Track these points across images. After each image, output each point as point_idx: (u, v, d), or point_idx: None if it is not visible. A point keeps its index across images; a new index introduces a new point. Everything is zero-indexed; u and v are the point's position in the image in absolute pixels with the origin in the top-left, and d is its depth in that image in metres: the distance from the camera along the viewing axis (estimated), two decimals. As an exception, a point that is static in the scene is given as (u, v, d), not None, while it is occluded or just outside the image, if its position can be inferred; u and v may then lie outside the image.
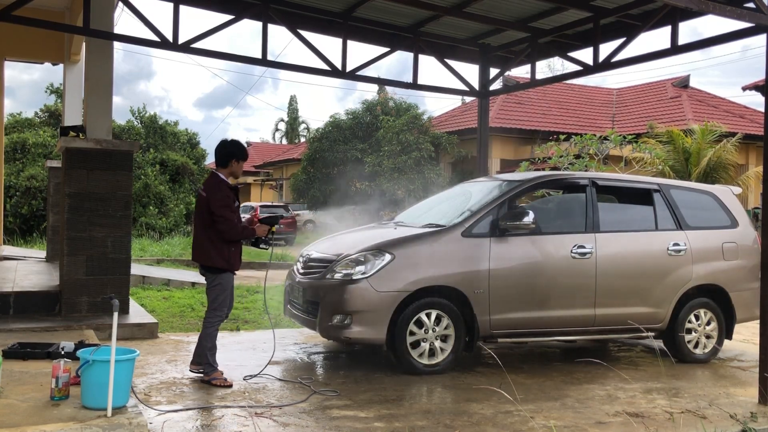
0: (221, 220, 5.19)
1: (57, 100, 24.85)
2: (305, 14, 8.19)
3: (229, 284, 5.40)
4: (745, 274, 7.01)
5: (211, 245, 5.26)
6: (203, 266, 5.41)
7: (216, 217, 5.19)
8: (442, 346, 5.94)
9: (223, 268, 5.31)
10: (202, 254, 5.34)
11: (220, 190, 5.27)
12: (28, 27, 7.35)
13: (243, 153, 5.45)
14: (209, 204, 5.22)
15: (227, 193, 5.27)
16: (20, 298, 6.98)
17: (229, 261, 5.31)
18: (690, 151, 17.29)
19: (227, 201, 5.25)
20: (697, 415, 4.97)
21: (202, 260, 5.37)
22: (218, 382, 5.23)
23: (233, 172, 5.45)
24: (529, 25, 8.17)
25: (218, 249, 5.27)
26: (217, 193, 5.24)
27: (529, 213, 6.09)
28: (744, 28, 6.06)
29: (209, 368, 5.30)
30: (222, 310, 5.39)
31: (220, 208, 5.20)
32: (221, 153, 5.41)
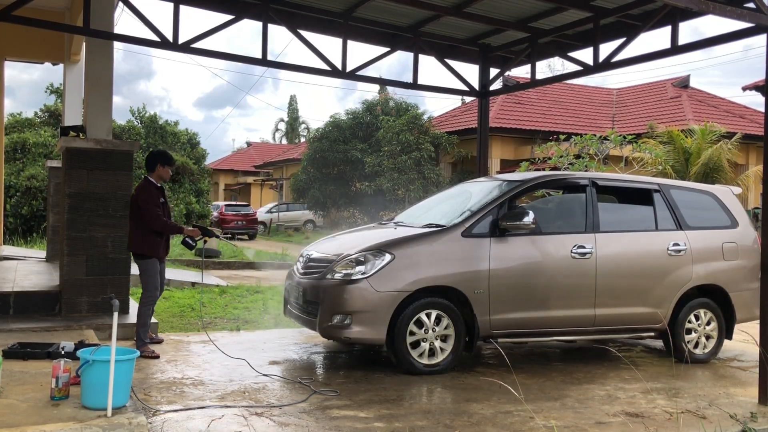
0: (143, 214, 6.18)
1: (57, 100, 24.84)
2: (305, 14, 8.19)
3: (154, 268, 6.28)
4: (745, 274, 7.01)
5: (137, 235, 6.27)
6: (133, 254, 6.38)
7: (141, 211, 6.19)
8: (442, 346, 5.94)
9: (143, 253, 6.23)
10: (132, 243, 6.36)
11: (146, 189, 6.27)
12: (28, 27, 7.34)
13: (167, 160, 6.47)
14: (137, 200, 6.24)
15: (152, 191, 6.28)
16: (20, 298, 6.98)
17: (149, 246, 6.24)
18: (690, 151, 17.29)
19: (151, 198, 6.24)
20: (697, 415, 4.97)
21: (132, 248, 6.38)
22: (147, 354, 6.03)
23: (160, 175, 6.42)
24: (529, 25, 8.17)
25: (143, 238, 6.24)
26: (142, 191, 6.25)
27: (529, 213, 6.09)
28: (744, 28, 6.06)
29: (140, 343, 6.15)
30: (149, 291, 6.26)
31: (144, 202, 6.20)
32: (147, 160, 6.46)
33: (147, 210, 6.19)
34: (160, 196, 6.37)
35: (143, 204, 6.20)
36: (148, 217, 6.18)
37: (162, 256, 6.42)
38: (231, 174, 48.04)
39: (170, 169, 6.54)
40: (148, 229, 6.22)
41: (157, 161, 6.40)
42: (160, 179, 6.45)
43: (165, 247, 6.49)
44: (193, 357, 6.30)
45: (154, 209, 6.22)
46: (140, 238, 6.27)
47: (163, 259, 6.52)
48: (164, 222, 6.29)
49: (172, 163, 6.53)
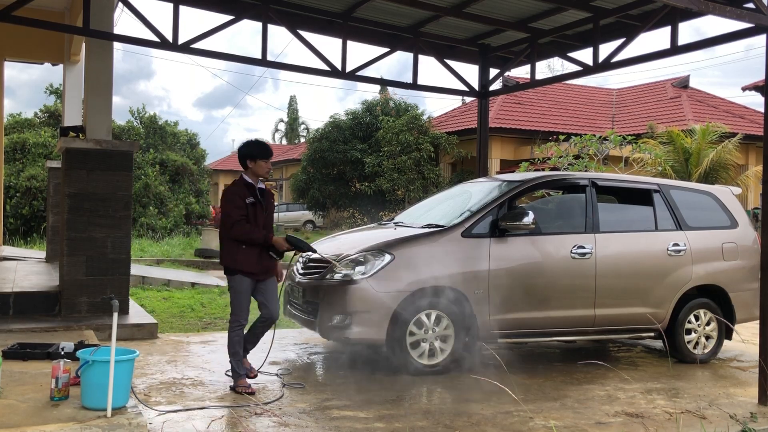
0: (226, 219, 5.11)
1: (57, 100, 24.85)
2: (305, 14, 8.19)
3: (242, 287, 5.15)
4: (745, 275, 7.02)
5: (226, 247, 5.17)
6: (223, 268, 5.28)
7: (223, 217, 5.14)
8: (441, 347, 5.93)
9: (232, 267, 5.14)
10: (221, 255, 5.23)
11: (229, 190, 5.23)
12: (28, 27, 7.34)
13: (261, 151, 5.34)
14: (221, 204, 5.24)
15: (235, 190, 5.18)
16: (20, 299, 6.98)
17: (235, 260, 5.11)
18: (690, 152, 17.28)
19: (233, 198, 5.14)
20: (697, 415, 4.97)
21: (221, 261, 5.26)
22: (241, 390, 5.07)
23: (255, 171, 5.32)
24: (529, 25, 8.18)
25: (230, 249, 5.13)
26: (226, 192, 5.22)
27: (528, 213, 6.09)
28: (744, 29, 6.06)
29: (235, 375, 5.19)
30: (239, 315, 5.17)
31: (226, 204, 5.14)
32: (240, 153, 5.38)
33: (224, 213, 5.12)
34: (248, 196, 5.18)
35: (222, 205, 5.17)
36: (225, 222, 5.11)
37: (258, 273, 5.19)
38: (231, 174, 47.90)
39: (267, 162, 5.36)
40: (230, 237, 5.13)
41: (246, 158, 5.30)
42: (257, 176, 5.34)
43: (265, 262, 5.25)
44: (193, 357, 6.30)
45: (233, 212, 5.07)
46: (227, 249, 5.15)
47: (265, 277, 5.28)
48: (246, 229, 5.09)
49: (266, 155, 5.36)
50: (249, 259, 5.13)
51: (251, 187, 5.24)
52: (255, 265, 5.15)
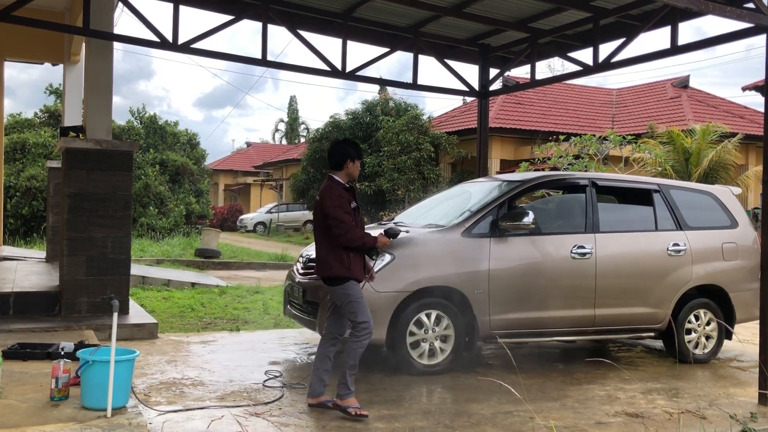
0: (336, 224, 4.69)
1: (57, 100, 24.84)
2: (305, 14, 8.19)
3: (358, 291, 4.79)
4: (745, 275, 7.02)
5: (330, 254, 4.77)
6: (325, 279, 4.85)
7: (330, 220, 4.71)
8: (441, 347, 5.93)
9: (344, 275, 4.74)
10: (323, 265, 4.82)
11: (333, 192, 4.80)
12: (28, 27, 7.34)
13: (358, 152, 5.00)
14: (323, 208, 4.76)
15: (340, 193, 4.80)
16: (20, 299, 6.98)
17: (349, 268, 4.76)
18: (690, 152, 17.28)
19: (340, 201, 4.76)
20: (697, 415, 4.97)
21: (323, 272, 4.83)
22: (354, 411, 4.61)
23: (350, 173, 4.96)
24: (529, 25, 8.17)
25: (337, 256, 4.74)
26: (329, 194, 4.78)
27: (528, 213, 6.09)
28: (744, 29, 6.05)
29: (345, 390, 4.71)
30: (366, 321, 4.74)
31: (335, 209, 4.72)
32: (335, 154, 4.95)
33: (336, 218, 4.70)
34: (351, 200, 4.88)
35: (331, 210, 4.71)
36: (336, 228, 4.69)
37: (362, 278, 4.92)
38: (231, 174, 48.03)
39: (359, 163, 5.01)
40: (337, 245, 4.77)
41: (346, 157, 4.90)
42: (350, 178, 4.99)
43: (366, 264, 5.00)
44: (193, 357, 6.30)
45: (345, 217, 4.72)
46: (334, 256, 4.76)
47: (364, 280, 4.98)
48: (359, 234, 4.78)
49: (361, 156, 5.05)
50: (358, 265, 4.84)
51: (350, 190, 4.91)
52: (362, 271, 4.90)
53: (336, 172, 4.92)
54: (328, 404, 4.75)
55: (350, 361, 4.71)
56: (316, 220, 4.87)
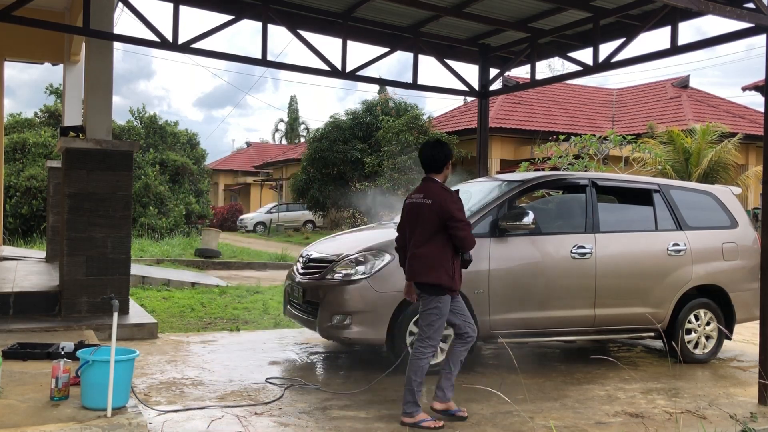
0: (463, 226, 4.53)
1: (57, 100, 24.85)
2: (305, 14, 8.19)
3: (447, 309, 4.62)
4: (745, 275, 7.02)
5: (437, 261, 4.55)
6: (422, 284, 4.63)
7: (456, 223, 4.52)
8: (442, 347, 5.92)
9: (447, 285, 4.56)
10: (424, 270, 4.58)
11: (453, 195, 4.64)
12: (28, 27, 7.34)
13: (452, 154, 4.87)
14: (443, 212, 4.53)
15: (457, 196, 4.65)
16: (20, 299, 6.98)
17: (453, 278, 4.59)
18: (690, 152, 17.28)
19: (461, 204, 4.63)
20: (697, 415, 4.97)
21: (423, 277, 4.59)
22: (430, 424, 4.48)
23: (446, 175, 4.84)
24: (529, 25, 8.17)
25: (443, 264, 4.55)
26: (450, 198, 4.60)
27: (528, 213, 6.09)
28: (744, 29, 6.05)
29: (413, 407, 4.54)
30: (436, 339, 4.64)
31: (460, 212, 4.56)
32: (438, 157, 4.76)
33: (462, 220, 4.55)
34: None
35: (457, 213, 4.53)
36: (462, 230, 4.52)
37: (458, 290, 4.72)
38: (231, 174, 48.04)
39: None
40: (448, 251, 4.58)
41: (447, 159, 4.77)
42: (444, 179, 4.85)
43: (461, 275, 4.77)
44: (193, 357, 6.30)
45: (467, 219, 4.63)
46: (440, 263, 4.55)
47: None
48: (473, 240, 4.65)
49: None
50: (459, 276, 4.68)
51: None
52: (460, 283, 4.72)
53: (435, 174, 4.77)
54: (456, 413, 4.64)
55: (414, 375, 4.56)
56: (423, 222, 4.60)
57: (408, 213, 4.78)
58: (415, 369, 4.56)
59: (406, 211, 4.81)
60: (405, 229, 4.82)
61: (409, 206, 4.77)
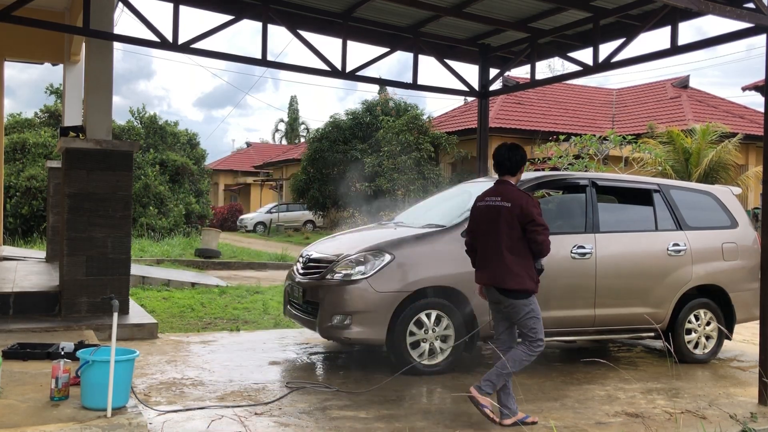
0: (542, 231, 4.49)
1: (57, 100, 24.84)
2: (305, 14, 8.19)
3: (538, 306, 4.62)
4: (745, 275, 7.01)
5: (517, 265, 4.52)
6: (507, 291, 4.56)
7: (536, 227, 4.48)
8: (441, 347, 5.93)
9: (532, 289, 4.55)
10: (509, 276, 4.52)
11: (532, 198, 4.63)
12: (28, 27, 7.34)
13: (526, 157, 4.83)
14: (523, 215, 4.50)
15: (537, 200, 4.66)
16: (20, 299, 6.98)
17: (535, 280, 4.59)
18: (690, 152, 17.29)
19: (540, 209, 4.58)
20: (697, 415, 4.97)
21: (508, 284, 4.53)
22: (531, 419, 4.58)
23: (519, 178, 4.84)
24: (529, 25, 8.17)
25: (526, 268, 4.54)
26: (530, 201, 4.57)
27: (528, 213, 6.07)
28: (744, 29, 6.05)
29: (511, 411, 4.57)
30: (542, 339, 4.61)
31: (540, 216, 4.52)
32: (514, 159, 4.75)
33: (543, 225, 4.51)
34: None
35: (538, 217, 4.50)
36: (542, 235, 4.50)
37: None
38: (231, 174, 48.04)
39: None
40: (528, 254, 4.56)
41: (522, 162, 4.76)
42: (517, 182, 4.85)
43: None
44: (193, 357, 6.30)
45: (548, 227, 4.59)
46: (523, 267, 4.53)
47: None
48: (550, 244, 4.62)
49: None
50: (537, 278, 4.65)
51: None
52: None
53: (510, 177, 4.75)
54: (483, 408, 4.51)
55: (512, 368, 4.52)
56: (502, 226, 4.54)
57: (482, 216, 4.72)
58: (515, 360, 4.55)
59: (478, 213, 4.76)
60: (477, 232, 4.78)
61: (484, 209, 4.71)
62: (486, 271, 4.69)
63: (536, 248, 4.54)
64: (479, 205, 4.79)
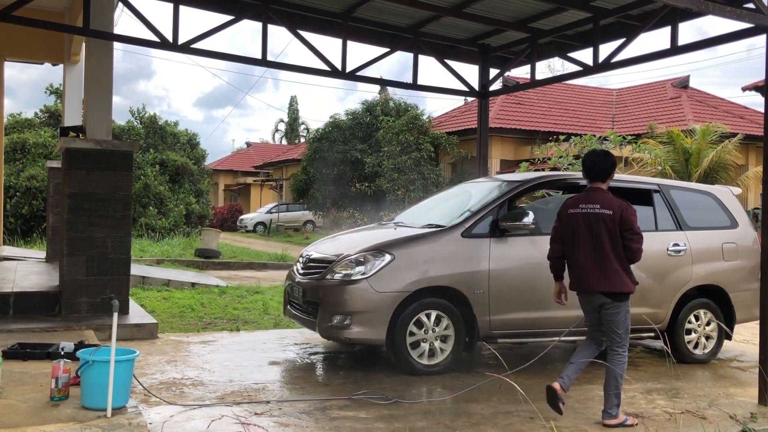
0: (638, 239, 4.70)
1: (57, 100, 24.85)
2: (305, 14, 8.19)
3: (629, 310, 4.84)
4: (745, 275, 7.01)
5: (622, 269, 4.72)
6: (614, 294, 4.72)
7: (633, 235, 4.68)
8: (441, 347, 5.93)
9: (632, 291, 4.78)
10: (610, 280, 4.70)
11: (630, 206, 4.78)
12: (28, 27, 7.34)
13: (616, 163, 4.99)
14: (623, 222, 4.67)
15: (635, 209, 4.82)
16: (20, 299, 6.98)
17: (634, 282, 4.80)
18: (690, 152, 17.29)
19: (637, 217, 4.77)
20: (697, 415, 4.97)
21: (613, 287, 4.70)
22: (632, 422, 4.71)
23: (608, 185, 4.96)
24: (529, 25, 8.17)
25: (628, 272, 4.75)
26: (629, 209, 4.74)
27: (528, 213, 6.08)
28: (744, 29, 6.06)
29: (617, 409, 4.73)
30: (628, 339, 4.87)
31: (637, 224, 4.72)
32: (605, 166, 4.88)
33: (639, 234, 4.73)
34: None
35: (635, 225, 4.71)
36: (638, 243, 4.70)
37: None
38: (231, 174, 48.04)
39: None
40: (625, 260, 4.74)
41: (613, 168, 4.92)
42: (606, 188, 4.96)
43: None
44: (193, 357, 6.30)
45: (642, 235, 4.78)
46: (626, 272, 4.73)
47: None
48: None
49: None
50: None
51: None
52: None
53: (600, 184, 4.88)
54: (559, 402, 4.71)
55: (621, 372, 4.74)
56: (604, 232, 4.68)
57: (580, 223, 4.80)
58: (620, 371, 4.73)
59: (574, 221, 4.83)
60: (573, 240, 4.85)
61: (582, 216, 4.79)
62: (590, 276, 4.78)
63: (630, 255, 4.73)
64: (573, 212, 4.86)
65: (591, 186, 4.91)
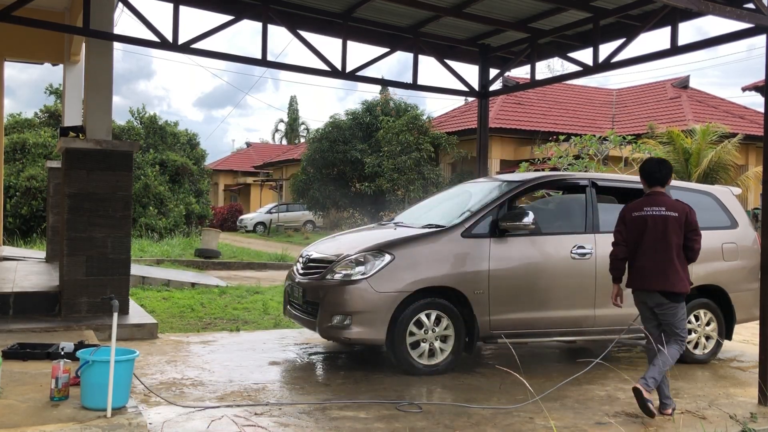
0: (699, 240, 4.95)
1: (57, 100, 24.85)
2: (305, 14, 8.19)
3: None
4: (745, 275, 7.01)
5: (682, 269, 4.94)
6: (674, 294, 4.94)
7: (696, 236, 4.94)
8: (441, 347, 5.93)
9: (687, 292, 5.00)
10: (670, 280, 4.91)
11: (692, 208, 5.03)
12: (28, 27, 7.34)
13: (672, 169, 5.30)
14: (688, 223, 4.93)
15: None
16: (20, 299, 6.98)
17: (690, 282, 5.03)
18: (690, 152, 17.29)
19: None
20: (697, 415, 4.97)
21: (676, 287, 4.92)
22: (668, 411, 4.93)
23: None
24: (529, 25, 8.17)
25: (686, 272, 4.98)
26: (692, 211, 4.99)
27: (528, 213, 6.09)
28: (744, 29, 6.05)
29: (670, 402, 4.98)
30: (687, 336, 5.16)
31: (698, 225, 4.97)
32: (664, 171, 5.17)
33: (701, 235, 4.99)
34: None
35: (698, 227, 4.97)
36: (699, 243, 4.96)
37: None
38: (231, 174, 48.04)
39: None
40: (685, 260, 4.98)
41: (671, 172, 5.23)
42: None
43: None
44: (193, 357, 6.30)
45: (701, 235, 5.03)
46: (686, 273, 4.97)
47: None
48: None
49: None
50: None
51: None
52: None
53: (660, 188, 5.13)
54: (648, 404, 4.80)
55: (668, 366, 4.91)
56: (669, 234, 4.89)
57: (644, 226, 5.00)
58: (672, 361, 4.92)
59: (638, 223, 5.03)
60: (636, 240, 5.04)
61: (650, 219, 4.99)
62: (653, 277, 4.96)
63: (692, 255, 4.98)
64: (637, 215, 5.06)
65: (651, 190, 5.15)
